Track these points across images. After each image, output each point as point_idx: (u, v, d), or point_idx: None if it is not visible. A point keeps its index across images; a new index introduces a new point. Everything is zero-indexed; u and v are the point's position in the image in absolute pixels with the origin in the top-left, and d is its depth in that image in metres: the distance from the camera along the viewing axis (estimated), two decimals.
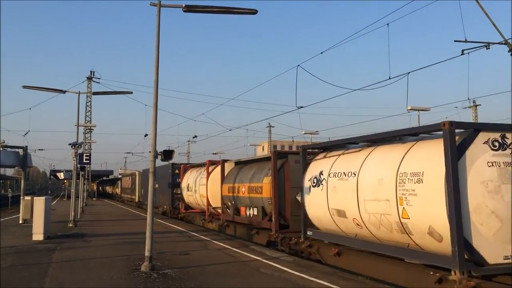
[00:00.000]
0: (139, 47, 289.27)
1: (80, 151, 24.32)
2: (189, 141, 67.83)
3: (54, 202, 47.71)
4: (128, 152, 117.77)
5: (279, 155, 14.55)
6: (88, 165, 33.96)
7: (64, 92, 23.03)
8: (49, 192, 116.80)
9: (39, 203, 16.62)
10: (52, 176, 76.95)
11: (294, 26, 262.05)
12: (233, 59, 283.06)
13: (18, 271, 10.30)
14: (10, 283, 9.10)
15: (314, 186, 11.63)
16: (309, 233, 12.34)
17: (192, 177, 24.06)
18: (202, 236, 17.57)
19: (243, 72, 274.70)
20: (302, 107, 17.52)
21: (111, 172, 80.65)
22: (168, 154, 11.75)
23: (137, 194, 42.06)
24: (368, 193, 9.48)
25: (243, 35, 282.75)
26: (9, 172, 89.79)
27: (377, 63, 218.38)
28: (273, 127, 71.73)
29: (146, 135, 44.08)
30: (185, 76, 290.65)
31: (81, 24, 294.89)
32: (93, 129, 51.12)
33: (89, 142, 48.64)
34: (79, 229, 20.26)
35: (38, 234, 16.20)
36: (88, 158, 24.88)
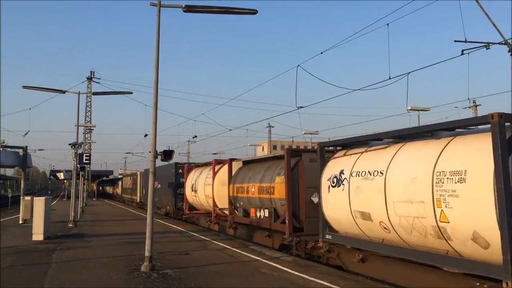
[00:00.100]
0: (139, 47, 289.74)
1: (80, 151, 24.31)
2: (189, 141, 67.91)
3: (54, 202, 47.71)
4: (128, 152, 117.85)
5: (293, 153, 13.74)
6: (88, 165, 33.99)
7: (64, 92, 23.03)
8: (49, 192, 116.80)
9: (39, 203, 16.62)
10: (52, 176, 77.00)
11: (294, 26, 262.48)
12: (233, 59, 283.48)
13: (18, 271, 10.29)
14: (10, 283, 9.09)
15: (334, 186, 10.83)
16: (328, 237, 11.41)
17: (197, 177, 23.44)
18: (202, 236, 17.57)
19: (243, 72, 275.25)
20: (302, 107, 17.52)
21: (111, 172, 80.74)
22: (168, 154, 11.75)
23: (139, 195, 41.78)
24: (398, 194, 8.65)
25: (243, 35, 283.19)
26: (9, 172, 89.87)
27: (377, 63, 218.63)
28: (273, 127, 71.81)
29: (146, 135, 44.11)
30: (185, 76, 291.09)
31: (81, 24, 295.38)
32: (93, 129, 51.16)
33: (89, 142, 48.65)
34: (79, 229, 20.26)
35: (38, 234, 16.20)
36: (88, 158, 24.87)
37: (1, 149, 24.78)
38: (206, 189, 21.31)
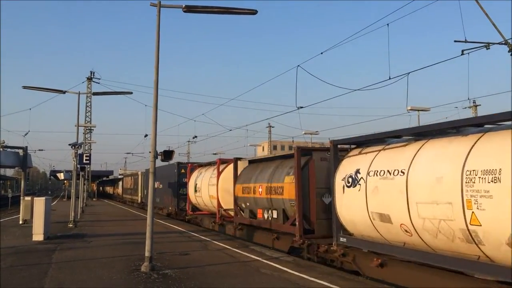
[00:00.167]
0: (139, 47, 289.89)
1: (80, 152, 24.33)
2: (189, 141, 67.91)
3: (54, 203, 47.73)
4: (128, 153, 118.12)
5: (303, 152, 13.13)
6: (88, 166, 34.01)
7: (64, 93, 23.04)
8: (49, 193, 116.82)
9: (39, 204, 16.64)
10: (52, 177, 77.03)
11: (294, 26, 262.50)
12: (233, 59, 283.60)
13: (18, 272, 10.30)
14: (10, 284, 9.10)
15: (349, 186, 10.25)
16: (343, 240, 10.77)
17: (200, 177, 22.91)
18: (202, 237, 17.58)
19: (243, 72, 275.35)
20: (302, 107, 17.52)
21: (111, 173, 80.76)
22: (168, 155, 11.77)
23: (140, 195, 41.36)
24: (422, 195, 8.09)
25: (243, 35, 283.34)
26: (9, 173, 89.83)
27: (377, 63, 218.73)
28: (273, 128, 71.78)
29: (146, 136, 44.10)
30: (185, 76, 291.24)
31: (81, 24, 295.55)
32: (93, 130, 51.20)
33: (89, 143, 48.66)
34: (79, 230, 20.27)
35: (38, 235, 16.21)
36: (88, 159, 24.90)
37: (1, 150, 24.75)
38: (210, 189, 20.83)
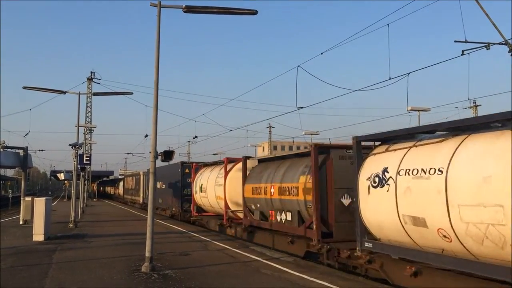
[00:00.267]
0: (140, 48, 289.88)
1: (81, 152, 24.34)
2: (189, 142, 67.79)
3: (55, 203, 47.76)
4: (129, 153, 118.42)
5: (320, 150, 12.43)
6: (89, 166, 33.99)
7: (65, 93, 23.06)
8: (50, 193, 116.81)
9: (40, 204, 16.65)
10: (53, 177, 77.10)
11: (295, 27, 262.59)
12: (233, 60, 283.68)
13: (19, 272, 10.31)
14: (11, 284, 9.11)
15: (375, 187, 9.47)
16: (368, 245, 9.90)
17: (206, 177, 22.13)
18: (202, 237, 17.58)
19: (243, 73, 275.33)
20: (302, 108, 17.53)
21: (112, 173, 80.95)
22: (169, 155, 11.78)
23: (141, 195, 40.84)
24: (465, 196, 7.34)
25: (243, 36, 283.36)
26: (10, 173, 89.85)
27: (378, 64, 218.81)
28: (273, 128, 71.83)
29: (147, 136, 44.07)
30: (185, 77, 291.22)
31: (82, 25, 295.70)
32: (94, 130, 51.20)
33: (90, 143, 48.68)
34: (80, 230, 20.27)
35: (39, 235, 16.22)
36: (89, 159, 24.89)
37: (2, 150, 24.76)
38: (217, 190, 20.11)
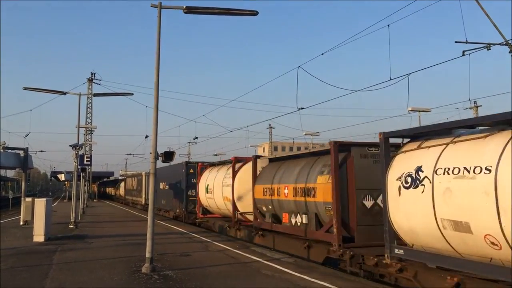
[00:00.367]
0: (140, 49, 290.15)
1: (81, 153, 24.35)
2: (190, 143, 67.91)
3: (55, 204, 47.77)
4: (129, 154, 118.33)
5: (340, 148, 11.62)
6: (89, 167, 33.99)
7: (65, 94, 23.09)
8: (50, 194, 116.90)
9: (40, 205, 16.65)
10: (53, 178, 77.21)
11: (295, 28, 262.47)
12: (234, 61, 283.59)
13: (19, 273, 10.30)
14: (11, 285, 9.10)
15: (408, 187, 8.75)
16: (399, 252, 9.08)
17: (212, 177, 21.37)
18: (203, 238, 17.58)
19: (244, 74, 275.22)
20: (303, 108, 17.55)
21: (112, 174, 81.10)
22: (169, 156, 11.78)
23: (143, 196, 40.40)
24: None
25: (244, 37, 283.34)
26: (10, 174, 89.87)
27: (378, 64, 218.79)
28: (274, 128, 71.79)
29: (147, 137, 44.06)
30: (186, 78, 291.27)
31: (82, 25, 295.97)
32: (94, 131, 51.20)
33: (90, 144, 48.68)
34: (80, 231, 20.27)
35: (39, 236, 16.22)
36: (89, 160, 24.91)
37: (2, 151, 24.77)
38: (224, 191, 19.39)
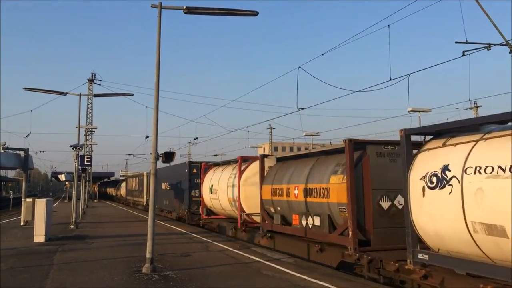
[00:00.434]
0: (141, 49, 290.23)
1: (81, 153, 24.36)
2: (190, 143, 67.85)
3: (56, 204, 47.78)
4: (129, 154, 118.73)
5: (354, 146, 11.06)
6: (89, 167, 34.00)
7: (65, 94, 23.10)
8: (50, 194, 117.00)
9: (41, 205, 16.66)
10: (54, 178, 77.23)
11: (295, 28, 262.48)
12: (234, 61, 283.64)
13: (19, 273, 10.31)
14: (11, 285, 9.11)
15: (433, 188, 8.25)
16: (423, 257, 8.57)
17: (217, 177, 20.92)
18: (203, 238, 17.59)
19: (244, 74, 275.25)
20: (303, 109, 17.55)
21: (112, 174, 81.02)
22: (169, 156, 11.79)
23: (145, 197, 39.92)
24: None
25: (244, 37, 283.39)
26: (10, 174, 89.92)
27: (378, 65, 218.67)
28: (274, 129, 71.84)
29: (147, 137, 44.05)
30: (186, 78, 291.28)
31: (83, 26, 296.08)
32: (94, 131, 51.27)
33: (90, 144, 48.70)
34: (81, 231, 20.28)
35: (40, 236, 16.22)
36: (90, 160, 24.91)
37: (2, 151, 24.79)
38: (230, 191, 18.89)
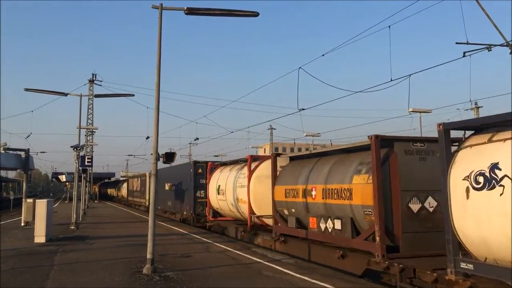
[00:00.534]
0: (141, 50, 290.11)
1: (82, 154, 24.37)
2: (191, 143, 67.88)
3: (56, 205, 47.79)
4: (130, 155, 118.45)
5: (381, 143, 10.15)
6: (90, 168, 34.05)
7: (66, 95, 23.13)
8: (51, 195, 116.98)
9: (41, 206, 16.67)
10: (54, 179, 77.26)
11: (296, 29, 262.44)
12: (234, 62, 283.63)
13: (20, 274, 10.31)
14: (12, 285, 9.11)
15: (479, 189, 7.52)
16: (467, 266, 7.75)
17: (224, 177, 20.08)
18: (204, 239, 17.58)
19: (244, 74, 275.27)
20: (304, 109, 17.56)
21: (113, 175, 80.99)
22: (170, 157, 11.78)
23: (147, 198, 39.03)
24: None
25: (245, 38, 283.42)
26: (11, 175, 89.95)
27: (379, 65, 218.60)
28: (275, 129, 71.91)
29: (148, 138, 44.05)
30: (187, 79, 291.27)
31: (83, 26, 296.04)
32: (95, 132, 51.35)
33: (91, 145, 48.75)
34: (81, 232, 20.28)
35: (40, 237, 16.23)
36: (90, 161, 24.94)
37: (3, 152, 24.83)
38: (239, 192, 18.10)
